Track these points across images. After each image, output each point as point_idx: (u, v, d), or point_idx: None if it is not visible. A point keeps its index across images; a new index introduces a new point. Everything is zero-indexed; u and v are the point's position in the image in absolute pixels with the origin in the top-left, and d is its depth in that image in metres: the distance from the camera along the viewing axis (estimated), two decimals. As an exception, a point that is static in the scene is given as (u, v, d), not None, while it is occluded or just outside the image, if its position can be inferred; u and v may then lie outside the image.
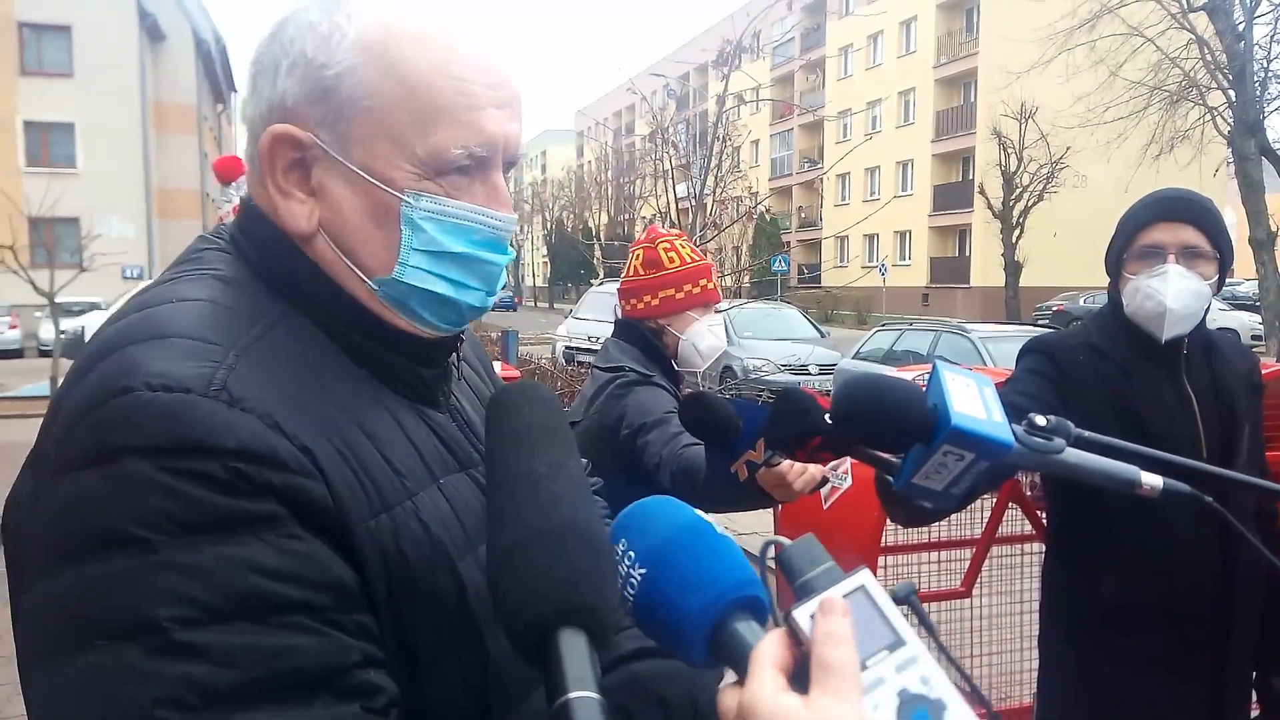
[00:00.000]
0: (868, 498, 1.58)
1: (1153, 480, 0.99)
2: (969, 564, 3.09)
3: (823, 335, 16.81)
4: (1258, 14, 17.78)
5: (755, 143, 44.44)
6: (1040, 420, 0.98)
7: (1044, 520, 2.44)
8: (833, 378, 13.33)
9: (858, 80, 44.26)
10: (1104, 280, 2.05)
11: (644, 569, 0.70)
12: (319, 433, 0.79)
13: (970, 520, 3.21)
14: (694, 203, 8.63)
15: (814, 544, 0.69)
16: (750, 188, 11.90)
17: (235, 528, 0.71)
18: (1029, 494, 3.09)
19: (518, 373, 8.04)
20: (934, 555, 3.23)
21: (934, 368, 0.99)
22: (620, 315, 2.50)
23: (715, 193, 9.21)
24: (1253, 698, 2.07)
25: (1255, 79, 17.51)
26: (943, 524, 3.06)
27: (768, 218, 37.53)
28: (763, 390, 9.99)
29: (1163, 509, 1.11)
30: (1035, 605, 2.49)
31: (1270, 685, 2.03)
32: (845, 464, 2.70)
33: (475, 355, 1.18)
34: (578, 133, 64.50)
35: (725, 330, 2.58)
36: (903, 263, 42.19)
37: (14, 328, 22.71)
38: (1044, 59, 19.25)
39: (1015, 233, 31.47)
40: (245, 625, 0.69)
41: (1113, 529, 1.91)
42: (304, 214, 0.89)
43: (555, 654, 0.64)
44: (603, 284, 19.81)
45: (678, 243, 2.45)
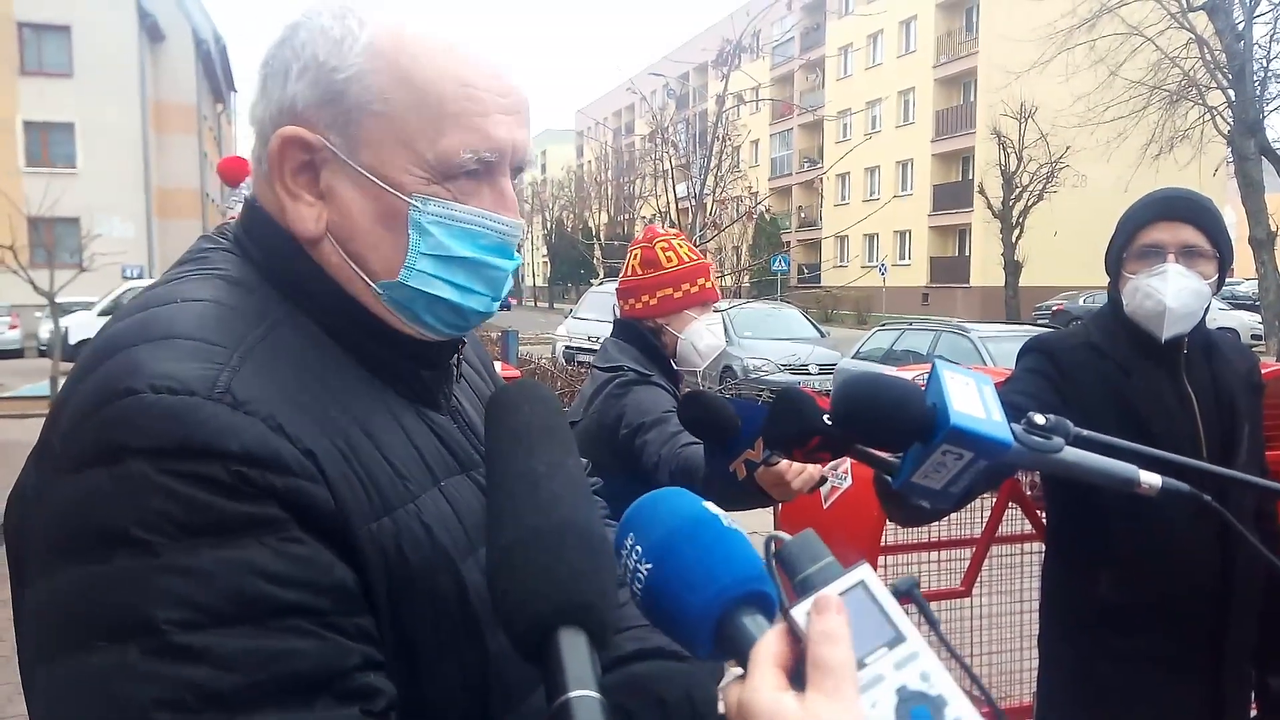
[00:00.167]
0: (868, 497, 1.58)
1: (1151, 479, 0.99)
2: (969, 563, 3.09)
3: (822, 335, 16.82)
4: (1257, 13, 17.80)
5: (755, 142, 44.42)
6: (1039, 419, 0.98)
7: (1044, 519, 2.44)
8: (832, 377, 13.33)
9: (857, 80, 44.23)
10: (1104, 280, 2.05)
11: (649, 563, 0.70)
12: (321, 435, 0.80)
13: (970, 519, 3.21)
14: (694, 202, 8.62)
15: (813, 539, 0.69)
16: (750, 187, 11.87)
17: (236, 531, 0.71)
18: (1029, 493, 3.09)
19: (518, 372, 8.06)
20: (934, 554, 3.23)
21: (933, 367, 0.99)
22: (619, 315, 2.51)
23: (715, 192, 9.20)
24: (1251, 697, 2.07)
25: (1255, 78, 17.52)
26: (943, 523, 3.06)
27: (767, 217, 37.47)
28: (762, 390, 9.99)
29: (1161, 508, 1.10)
30: (1035, 604, 2.49)
31: (1269, 685, 2.03)
32: (845, 463, 2.69)
33: (477, 356, 1.18)
34: (577, 132, 64.45)
35: (725, 330, 2.58)
36: (902, 262, 42.17)
37: (14, 328, 22.69)
38: (1044, 58, 19.26)
39: (1015, 232, 31.44)
40: (246, 628, 0.69)
41: (1111, 528, 1.91)
42: (312, 216, 0.90)
43: (555, 653, 0.64)
44: (602, 284, 19.83)
45: (675, 242, 2.45)
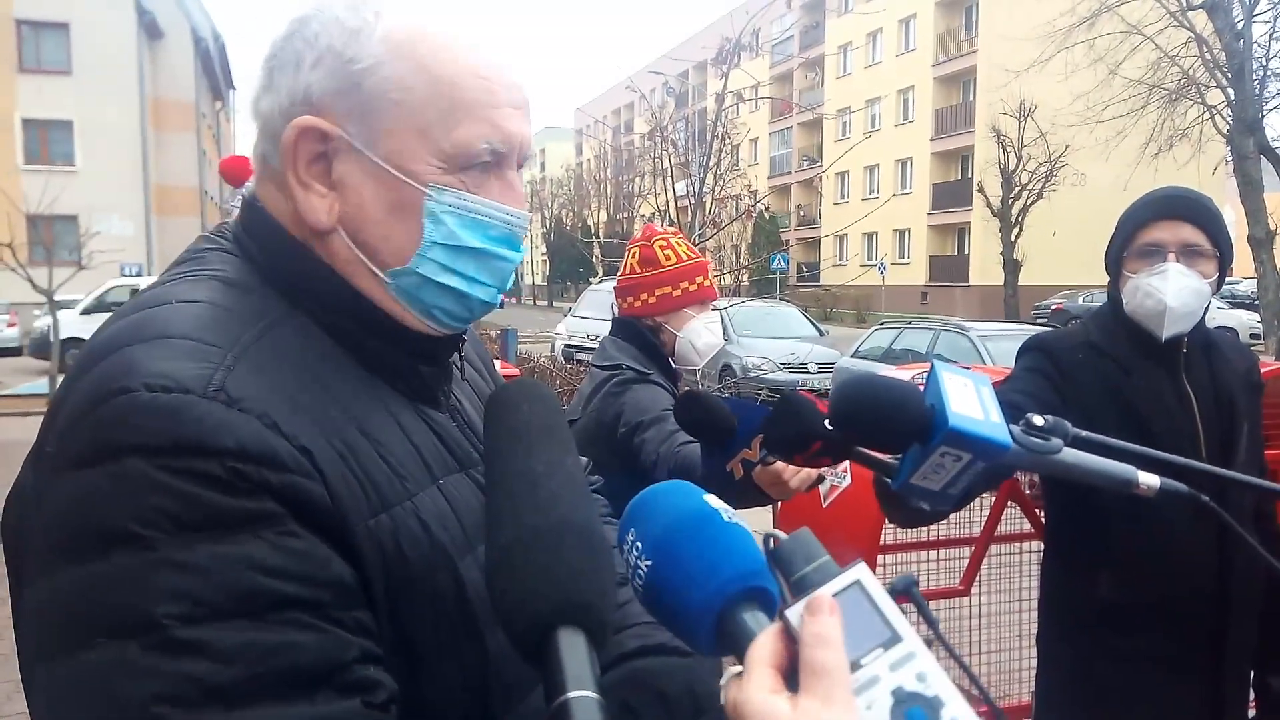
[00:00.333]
0: (867, 496, 1.57)
1: (1149, 480, 0.99)
2: (968, 562, 3.09)
3: (822, 333, 16.82)
4: (1256, 12, 17.76)
5: (754, 141, 44.49)
6: (1038, 420, 0.97)
7: (1042, 519, 2.44)
8: (831, 376, 13.33)
9: (857, 78, 44.21)
10: (1103, 279, 2.05)
11: (651, 558, 0.70)
12: (318, 433, 0.80)
13: (969, 519, 3.21)
14: (693, 201, 8.61)
15: (809, 538, 0.68)
16: (749, 186, 11.90)
17: (234, 526, 0.71)
18: (1028, 493, 3.09)
19: (517, 370, 8.06)
20: (933, 554, 3.23)
21: (932, 367, 0.99)
22: (617, 313, 2.50)
23: (714, 191, 9.19)
24: (1251, 697, 2.07)
25: (1254, 77, 17.48)
26: (942, 522, 3.06)
27: (767, 216, 37.52)
28: (762, 388, 9.99)
29: (1161, 509, 1.10)
30: (1034, 604, 2.48)
31: (1268, 684, 2.03)
32: (844, 463, 2.69)
33: (477, 354, 1.18)
34: (576, 130, 64.29)
35: (723, 328, 2.58)
36: (902, 261, 42.19)
37: (12, 325, 22.67)
38: (1043, 57, 19.21)
39: (1014, 231, 31.42)
40: (245, 622, 0.69)
41: (1111, 529, 1.91)
42: (324, 208, 0.90)
43: (554, 653, 0.64)
44: (601, 282, 19.79)
45: (674, 240, 2.45)
